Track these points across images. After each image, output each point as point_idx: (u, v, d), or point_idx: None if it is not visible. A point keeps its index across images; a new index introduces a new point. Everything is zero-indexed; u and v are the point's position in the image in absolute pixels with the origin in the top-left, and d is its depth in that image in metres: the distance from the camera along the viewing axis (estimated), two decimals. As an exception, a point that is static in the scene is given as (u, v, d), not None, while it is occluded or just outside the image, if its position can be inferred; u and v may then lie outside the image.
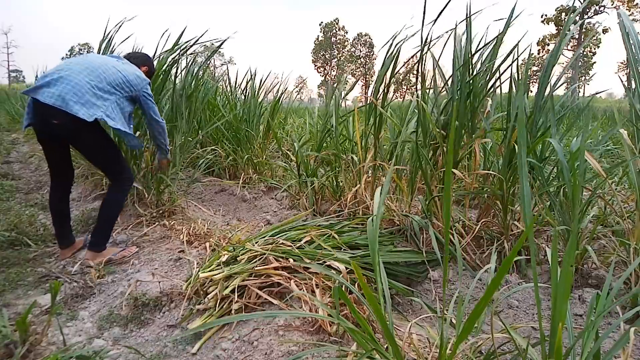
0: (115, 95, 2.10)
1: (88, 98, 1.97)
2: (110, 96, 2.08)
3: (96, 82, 2.04)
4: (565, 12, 28.01)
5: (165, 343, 1.51)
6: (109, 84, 2.08)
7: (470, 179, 2.09)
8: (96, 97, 2.01)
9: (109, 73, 2.11)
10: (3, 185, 3.77)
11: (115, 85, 2.11)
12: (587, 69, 36.69)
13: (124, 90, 2.14)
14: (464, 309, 1.35)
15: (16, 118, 9.41)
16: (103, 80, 2.06)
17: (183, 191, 3.31)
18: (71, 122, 1.94)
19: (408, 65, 2.29)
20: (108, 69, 2.13)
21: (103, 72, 2.09)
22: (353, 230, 2.06)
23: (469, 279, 1.84)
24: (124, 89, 2.15)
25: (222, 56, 55.81)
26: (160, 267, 2.07)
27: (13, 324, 1.39)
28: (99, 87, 2.04)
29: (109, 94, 2.07)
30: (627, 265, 1.65)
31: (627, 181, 2.67)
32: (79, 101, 1.94)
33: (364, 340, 1.05)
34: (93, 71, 2.06)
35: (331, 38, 51.25)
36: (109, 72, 2.12)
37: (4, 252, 2.28)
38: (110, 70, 2.13)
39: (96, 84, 2.03)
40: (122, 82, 2.14)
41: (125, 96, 2.16)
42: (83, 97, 1.96)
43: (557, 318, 0.73)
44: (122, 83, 2.14)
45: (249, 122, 4.00)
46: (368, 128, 2.47)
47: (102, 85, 2.05)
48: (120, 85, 2.13)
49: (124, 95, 2.15)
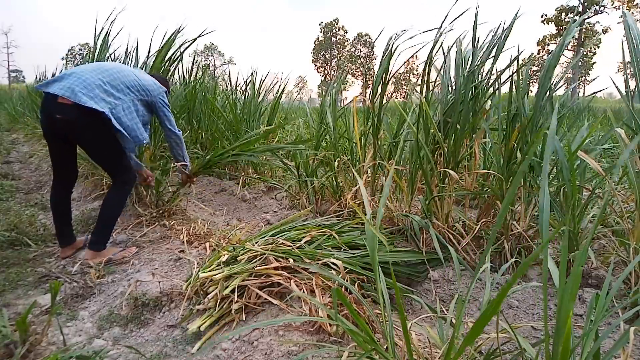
0: (130, 96, 2.11)
1: (97, 92, 1.99)
2: (124, 96, 2.09)
3: (108, 79, 2.06)
4: (565, 12, 28.00)
5: (165, 343, 1.51)
6: (123, 84, 2.10)
7: (470, 178, 2.09)
8: (106, 93, 2.02)
9: (123, 74, 2.13)
10: (3, 185, 3.77)
11: (130, 86, 2.12)
12: (587, 69, 36.71)
13: (138, 93, 2.16)
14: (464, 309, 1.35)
15: (16, 118, 9.41)
16: (116, 79, 2.08)
17: (183, 191, 3.31)
18: (76, 116, 1.95)
19: (408, 66, 2.29)
20: (122, 70, 2.16)
21: (117, 72, 2.12)
22: (353, 230, 2.06)
23: (469, 279, 1.84)
24: (139, 91, 2.16)
25: (222, 56, 55.83)
26: (160, 267, 2.07)
27: (13, 324, 1.39)
28: (111, 85, 2.05)
29: (122, 93, 2.08)
30: (627, 265, 1.65)
31: (627, 181, 2.66)
32: (88, 94, 1.96)
33: (364, 340, 1.05)
34: (106, 71, 2.09)
35: (331, 38, 51.26)
36: (123, 73, 2.14)
37: (4, 252, 2.28)
38: (125, 72, 2.15)
39: (108, 82, 2.05)
40: (137, 84, 2.16)
41: (140, 99, 2.17)
42: (92, 92, 1.98)
43: (562, 319, 0.73)
44: (137, 85, 2.15)
45: (249, 122, 4.00)
46: (367, 128, 2.47)
47: (114, 83, 2.07)
48: (135, 87, 2.14)
49: (138, 98, 2.16)
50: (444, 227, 2.01)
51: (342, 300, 1.01)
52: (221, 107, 4.23)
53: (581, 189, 1.86)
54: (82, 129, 2.02)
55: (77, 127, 2.00)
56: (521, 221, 1.93)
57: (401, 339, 1.21)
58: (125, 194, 2.29)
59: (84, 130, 2.02)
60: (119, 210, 2.28)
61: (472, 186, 2.12)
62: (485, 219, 2.06)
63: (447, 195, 2.06)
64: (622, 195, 2.35)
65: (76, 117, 1.96)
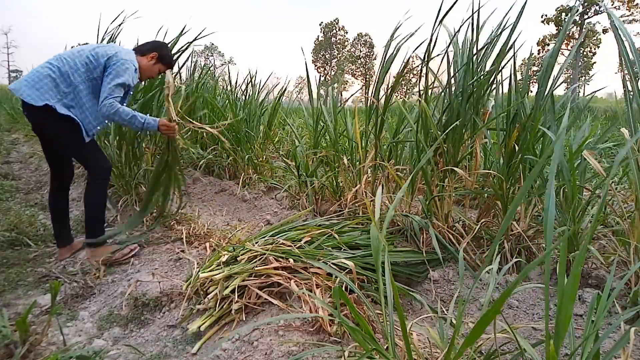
0: (82, 77, 2.01)
1: (46, 82, 1.93)
2: (75, 80, 1.99)
3: (59, 65, 1.98)
4: (565, 12, 28.01)
5: (165, 343, 1.51)
6: (75, 66, 2.00)
7: (470, 178, 2.09)
8: (54, 82, 1.95)
9: (76, 55, 2.04)
10: (3, 185, 3.77)
11: (82, 64, 2.01)
12: (587, 69, 36.72)
13: (89, 71, 2.02)
14: (464, 309, 1.35)
15: (16, 118, 9.41)
16: (66, 65, 1.99)
17: (183, 191, 3.31)
18: (28, 111, 1.94)
19: (408, 65, 2.29)
20: (78, 52, 2.06)
21: (70, 55, 2.03)
22: (353, 231, 2.05)
23: (470, 279, 1.84)
24: (89, 66, 2.02)
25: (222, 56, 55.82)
26: (160, 267, 2.07)
27: (13, 324, 1.39)
28: (60, 72, 1.97)
29: (72, 78, 1.99)
30: (627, 265, 1.65)
31: (627, 181, 2.66)
32: (34, 86, 1.91)
33: (364, 340, 1.05)
34: (59, 57, 2.02)
35: (331, 38, 51.25)
36: (77, 54, 2.04)
37: (4, 252, 2.28)
38: (80, 53, 2.05)
39: (58, 67, 1.97)
40: (90, 61, 2.02)
41: (95, 77, 2.03)
42: (39, 83, 1.92)
43: (562, 320, 0.73)
44: (90, 63, 2.01)
45: (249, 122, 4.01)
46: (368, 128, 2.46)
47: (64, 69, 1.98)
48: (86, 66, 2.01)
49: (90, 77, 2.03)
50: (444, 227, 2.01)
51: (344, 300, 1.01)
52: (221, 107, 4.23)
53: (581, 189, 1.86)
54: (45, 122, 1.99)
55: (40, 120, 1.98)
56: (521, 221, 1.93)
57: (402, 339, 1.21)
58: (99, 186, 2.18)
59: (46, 123, 1.99)
60: (99, 203, 2.19)
61: (472, 186, 2.12)
62: (485, 219, 2.06)
63: (447, 195, 2.06)
64: (622, 195, 2.35)
65: (28, 112, 1.94)
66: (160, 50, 2.28)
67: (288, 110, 6.09)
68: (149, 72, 2.28)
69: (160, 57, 2.28)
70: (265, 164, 3.99)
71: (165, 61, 2.31)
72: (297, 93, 6.61)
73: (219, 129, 2.52)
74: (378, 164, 2.42)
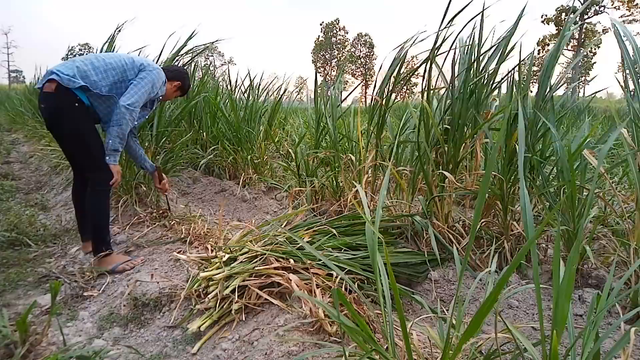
0: (110, 79, 2.05)
1: (78, 66, 1.98)
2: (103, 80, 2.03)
3: (93, 60, 2.04)
4: (566, 12, 28.00)
5: (165, 343, 1.51)
6: (109, 64, 2.06)
7: (470, 179, 2.09)
8: (87, 70, 1.99)
9: (109, 56, 2.11)
10: (3, 185, 3.77)
11: (113, 67, 2.06)
12: (587, 69, 36.71)
13: (123, 74, 2.08)
14: (464, 309, 1.35)
15: (16, 118, 9.41)
16: (102, 61, 2.06)
17: (183, 191, 3.31)
18: (52, 99, 1.95)
19: (411, 67, 2.29)
20: (110, 55, 2.13)
21: (100, 56, 2.10)
22: (354, 232, 2.05)
23: (469, 279, 1.84)
24: (124, 72, 2.08)
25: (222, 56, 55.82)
26: (160, 267, 2.07)
27: (13, 324, 1.39)
28: (94, 66, 2.02)
29: (106, 72, 2.04)
30: (627, 265, 1.65)
31: (627, 181, 2.66)
32: (67, 69, 1.96)
33: (364, 340, 1.05)
34: (89, 56, 2.09)
35: (331, 38, 51.25)
36: (109, 56, 2.12)
37: (4, 252, 2.28)
38: (115, 55, 2.14)
39: (92, 61, 2.03)
40: (122, 64, 2.09)
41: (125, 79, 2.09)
42: (71, 67, 1.98)
43: (558, 319, 0.73)
44: (122, 66, 2.09)
45: (250, 122, 4.01)
46: (370, 127, 2.46)
47: (98, 64, 2.04)
48: (118, 68, 2.07)
49: (117, 83, 2.07)
50: (444, 227, 2.01)
51: (342, 301, 1.01)
52: (221, 108, 4.23)
53: (581, 189, 1.86)
54: (59, 116, 1.99)
55: (53, 112, 2.00)
56: (521, 221, 1.93)
57: (402, 339, 1.21)
58: (101, 196, 2.10)
59: (61, 116, 1.99)
60: (103, 214, 2.14)
61: (472, 186, 2.12)
62: (485, 219, 2.06)
63: (447, 195, 2.06)
64: (622, 195, 2.35)
65: (53, 100, 1.96)
66: (183, 81, 2.40)
67: (288, 110, 6.09)
68: (167, 97, 2.43)
69: (181, 88, 2.42)
70: (265, 164, 3.99)
71: (183, 92, 2.47)
72: (297, 93, 6.60)
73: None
74: (378, 164, 2.42)
